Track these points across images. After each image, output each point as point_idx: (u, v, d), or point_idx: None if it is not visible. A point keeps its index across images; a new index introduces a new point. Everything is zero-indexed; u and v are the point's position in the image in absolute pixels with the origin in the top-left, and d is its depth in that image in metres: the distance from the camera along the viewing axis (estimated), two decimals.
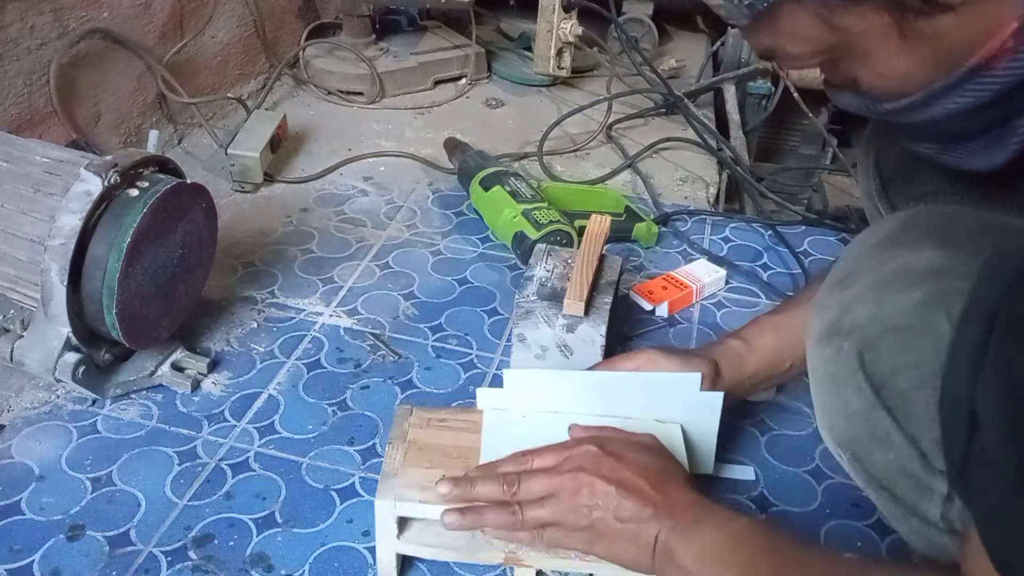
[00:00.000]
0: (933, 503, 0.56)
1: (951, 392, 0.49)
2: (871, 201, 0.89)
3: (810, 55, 0.59)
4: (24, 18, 1.22)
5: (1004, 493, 0.44)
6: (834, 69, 0.61)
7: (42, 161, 0.92)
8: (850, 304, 0.59)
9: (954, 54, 0.54)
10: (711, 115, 1.78)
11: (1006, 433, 0.44)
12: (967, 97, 0.56)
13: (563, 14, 1.63)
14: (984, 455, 0.46)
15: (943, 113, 0.58)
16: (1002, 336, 0.45)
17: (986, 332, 0.46)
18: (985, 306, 0.47)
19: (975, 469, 0.46)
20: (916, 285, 0.55)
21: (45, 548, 0.81)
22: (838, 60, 0.59)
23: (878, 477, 0.60)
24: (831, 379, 0.60)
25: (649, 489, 0.70)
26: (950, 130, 0.60)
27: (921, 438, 0.55)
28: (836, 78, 0.63)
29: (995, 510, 0.45)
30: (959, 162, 0.63)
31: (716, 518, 0.69)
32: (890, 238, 0.60)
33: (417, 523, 0.78)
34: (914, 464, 0.56)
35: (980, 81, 0.55)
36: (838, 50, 0.58)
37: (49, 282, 0.87)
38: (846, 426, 0.60)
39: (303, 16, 1.91)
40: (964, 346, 0.48)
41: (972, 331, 0.47)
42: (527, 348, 0.96)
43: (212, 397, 1.00)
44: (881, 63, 0.57)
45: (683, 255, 1.30)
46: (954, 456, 0.48)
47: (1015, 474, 0.43)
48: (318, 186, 1.45)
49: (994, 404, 0.45)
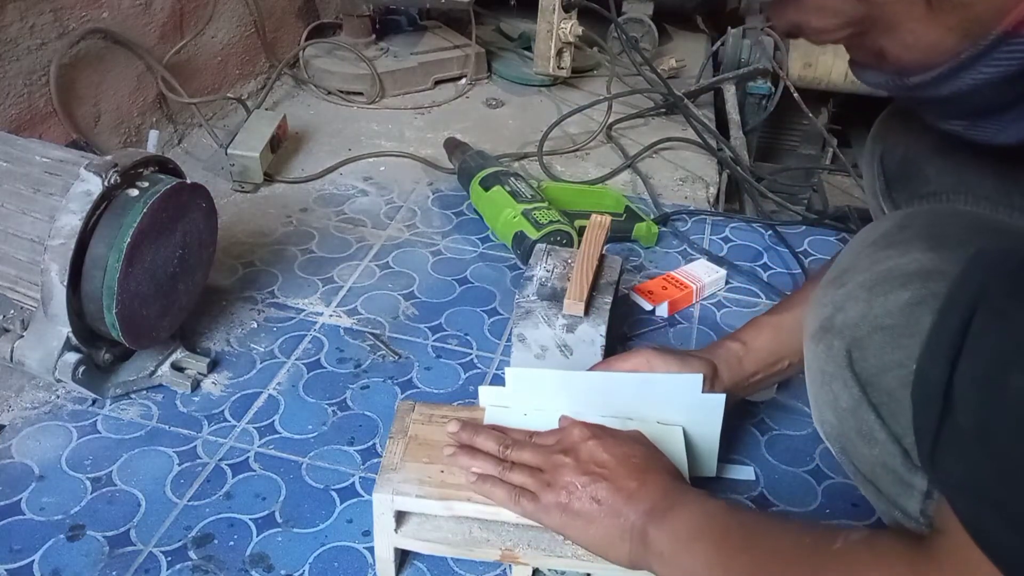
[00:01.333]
0: (913, 499, 0.57)
1: (926, 377, 0.49)
2: (875, 199, 0.89)
3: (837, 28, 0.59)
4: (24, 18, 1.22)
5: (977, 464, 0.45)
6: (860, 44, 0.60)
7: (42, 161, 0.92)
8: (842, 303, 0.59)
9: (981, 22, 0.54)
10: (711, 115, 1.78)
11: (984, 415, 0.45)
12: (995, 67, 0.55)
13: (563, 14, 1.63)
14: (957, 435, 0.46)
15: (971, 84, 0.57)
16: (983, 321, 0.46)
17: (965, 321, 0.47)
18: (966, 297, 0.48)
19: (947, 448, 0.47)
20: (905, 286, 0.55)
21: (45, 548, 0.81)
22: (864, 33, 0.58)
23: (863, 471, 0.61)
24: (823, 375, 0.61)
25: (628, 473, 0.72)
26: (979, 103, 0.59)
27: (904, 436, 0.56)
28: (861, 55, 0.62)
29: (968, 482, 0.46)
30: (989, 137, 0.62)
31: (691, 501, 0.70)
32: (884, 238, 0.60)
33: (415, 518, 0.78)
34: (896, 461, 0.57)
35: (1008, 49, 0.54)
36: (865, 22, 0.57)
37: (49, 282, 0.87)
38: (836, 421, 0.61)
39: (303, 16, 1.91)
40: (943, 333, 0.48)
41: (951, 319, 0.48)
42: (527, 348, 0.96)
43: (212, 397, 1.00)
44: (908, 33, 0.56)
45: (683, 255, 1.30)
46: (925, 437, 0.49)
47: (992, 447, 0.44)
48: (318, 186, 1.45)
49: (973, 387, 0.46)
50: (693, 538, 0.67)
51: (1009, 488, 0.44)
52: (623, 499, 0.70)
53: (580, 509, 0.71)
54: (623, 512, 0.70)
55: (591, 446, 0.74)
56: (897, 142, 0.85)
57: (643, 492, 0.71)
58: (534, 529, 0.76)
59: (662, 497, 0.70)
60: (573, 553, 0.75)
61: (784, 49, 1.81)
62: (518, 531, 0.77)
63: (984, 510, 0.46)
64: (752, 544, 0.65)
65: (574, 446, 0.75)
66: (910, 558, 0.54)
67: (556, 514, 0.72)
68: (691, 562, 0.67)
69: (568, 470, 0.73)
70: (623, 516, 0.70)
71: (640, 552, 0.69)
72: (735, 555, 0.65)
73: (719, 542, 0.66)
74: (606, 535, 0.71)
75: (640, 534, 0.69)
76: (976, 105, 0.60)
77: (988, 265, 0.49)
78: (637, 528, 0.69)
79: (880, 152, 0.87)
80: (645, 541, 0.69)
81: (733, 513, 0.70)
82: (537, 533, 0.76)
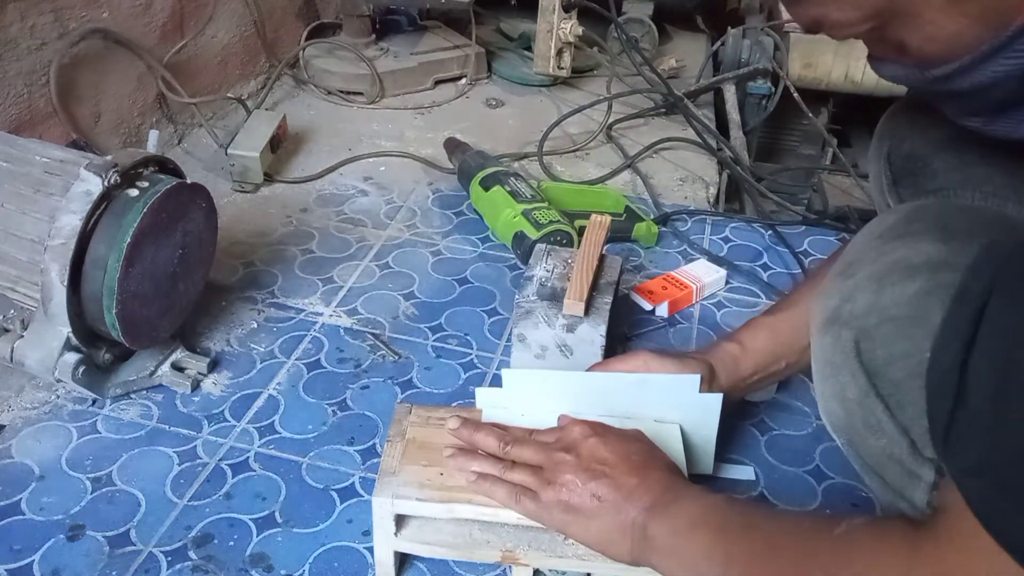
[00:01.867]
0: (920, 490, 0.57)
1: (940, 362, 0.49)
2: (881, 196, 0.89)
3: (858, 21, 0.58)
4: (24, 18, 1.22)
5: (991, 446, 0.45)
6: (880, 37, 0.60)
7: (42, 161, 0.92)
8: (850, 294, 0.59)
9: (1001, 13, 0.54)
10: (711, 115, 1.78)
11: (999, 397, 0.45)
12: (1016, 58, 0.55)
13: (563, 14, 1.64)
14: (972, 418, 0.46)
15: (991, 77, 0.57)
16: (998, 306, 0.46)
17: (979, 308, 0.47)
18: (979, 285, 0.48)
19: (961, 431, 0.47)
20: (913, 278, 0.55)
21: (45, 548, 0.81)
22: (884, 26, 0.58)
23: (870, 463, 0.61)
24: (830, 366, 0.61)
25: (629, 470, 0.72)
26: (998, 98, 0.59)
27: (912, 427, 0.56)
28: (881, 48, 0.62)
29: (981, 464, 0.46)
30: (1008, 132, 0.62)
31: (691, 496, 0.70)
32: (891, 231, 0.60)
33: (415, 521, 0.78)
34: (904, 452, 0.57)
35: None
36: (885, 14, 0.57)
37: (49, 282, 0.87)
38: (843, 412, 0.61)
39: (303, 16, 1.91)
40: (957, 320, 0.48)
41: (966, 307, 0.48)
42: (527, 348, 0.96)
43: (212, 397, 1.00)
44: (929, 24, 0.56)
45: (683, 255, 1.30)
46: (939, 422, 0.49)
47: (1007, 429, 0.44)
48: (318, 186, 1.45)
49: (988, 370, 0.46)
50: (693, 528, 0.67)
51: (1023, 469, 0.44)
52: (624, 496, 0.70)
53: (581, 506, 0.71)
54: (624, 509, 0.70)
55: (592, 443, 0.74)
56: (903, 138, 0.85)
57: (644, 488, 0.71)
58: (534, 530, 0.76)
59: (662, 493, 0.70)
60: (574, 553, 0.75)
61: (784, 49, 1.81)
62: (518, 532, 0.77)
63: (997, 493, 0.45)
64: (752, 530, 0.65)
65: (575, 443, 0.75)
66: (911, 538, 0.54)
67: (557, 512, 0.72)
68: (691, 551, 0.67)
69: (569, 467, 0.73)
70: (624, 513, 0.70)
71: (641, 548, 0.69)
72: (735, 541, 0.65)
73: (718, 531, 0.66)
74: (607, 532, 0.71)
75: (641, 530, 0.69)
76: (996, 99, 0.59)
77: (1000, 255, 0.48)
78: (638, 524, 0.69)
79: (887, 148, 0.87)
80: (646, 537, 0.69)
81: (733, 504, 0.71)
82: (538, 534, 0.76)
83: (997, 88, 0.58)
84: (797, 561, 0.60)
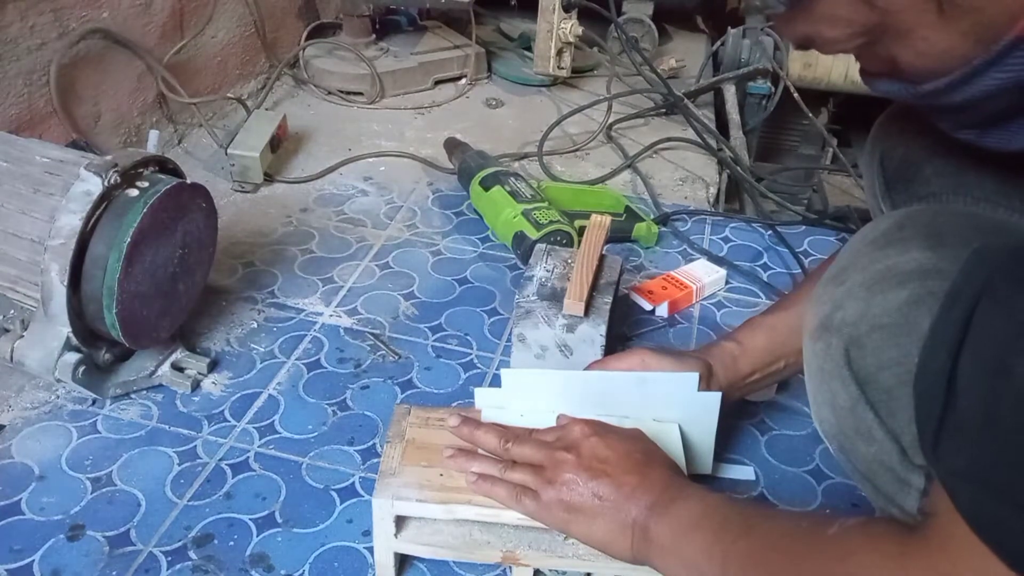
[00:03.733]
0: (911, 497, 0.58)
1: (929, 367, 0.49)
2: (875, 200, 0.89)
3: (849, 38, 0.59)
4: (24, 18, 1.22)
5: (980, 451, 0.45)
6: (872, 52, 0.60)
7: (42, 161, 0.92)
8: (841, 301, 0.60)
9: (993, 27, 0.54)
10: (711, 115, 1.78)
11: (988, 401, 0.45)
12: (1007, 72, 0.55)
13: (563, 14, 1.64)
14: (961, 422, 0.46)
15: (984, 91, 0.57)
16: (987, 310, 0.46)
17: (968, 312, 0.47)
18: (969, 289, 0.48)
19: (950, 436, 0.47)
20: (903, 285, 0.56)
21: (45, 548, 0.81)
22: (876, 42, 0.58)
23: (862, 469, 0.61)
24: (821, 373, 0.61)
25: (630, 469, 0.72)
26: (991, 111, 0.59)
27: (902, 434, 0.56)
28: (873, 64, 0.62)
29: (971, 469, 0.46)
30: (1002, 143, 0.62)
31: (692, 495, 0.70)
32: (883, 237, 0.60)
33: (415, 522, 0.78)
34: (894, 459, 0.57)
35: (1020, 54, 0.54)
36: (877, 30, 0.57)
37: (49, 282, 0.87)
38: (834, 419, 0.61)
39: (303, 16, 1.91)
40: (946, 324, 0.48)
41: (954, 311, 0.48)
42: (527, 348, 0.96)
43: (212, 397, 1.00)
44: (920, 40, 0.56)
45: (683, 255, 1.30)
46: (928, 427, 0.49)
47: (996, 433, 0.44)
48: (318, 186, 1.45)
49: (977, 374, 0.46)
50: (693, 527, 0.67)
51: (1013, 473, 0.44)
52: (625, 494, 0.71)
53: (582, 505, 0.71)
54: (625, 507, 0.70)
55: (593, 442, 0.75)
56: (896, 143, 0.85)
57: (645, 487, 0.71)
58: (535, 530, 0.76)
59: (663, 492, 0.70)
60: (574, 553, 0.75)
61: (784, 49, 1.81)
62: (519, 532, 0.77)
63: (986, 497, 0.45)
64: (750, 530, 0.65)
65: (575, 442, 0.75)
66: (901, 540, 0.54)
67: (558, 511, 0.72)
68: (691, 550, 0.67)
69: (570, 466, 0.73)
70: (625, 511, 0.70)
71: (642, 546, 0.69)
72: (734, 541, 0.65)
73: (718, 530, 0.66)
74: (608, 531, 0.71)
75: (642, 529, 0.69)
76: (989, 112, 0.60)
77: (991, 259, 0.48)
78: (639, 523, 0.69)
79: (880, 153, 0.87)
80: (647, 535, 0.69)
81: (732, 504, 0.71)
82: (538, 534, 0.76)
83: (990, 101, 0.58)
84: (793, 561, 0.61)
